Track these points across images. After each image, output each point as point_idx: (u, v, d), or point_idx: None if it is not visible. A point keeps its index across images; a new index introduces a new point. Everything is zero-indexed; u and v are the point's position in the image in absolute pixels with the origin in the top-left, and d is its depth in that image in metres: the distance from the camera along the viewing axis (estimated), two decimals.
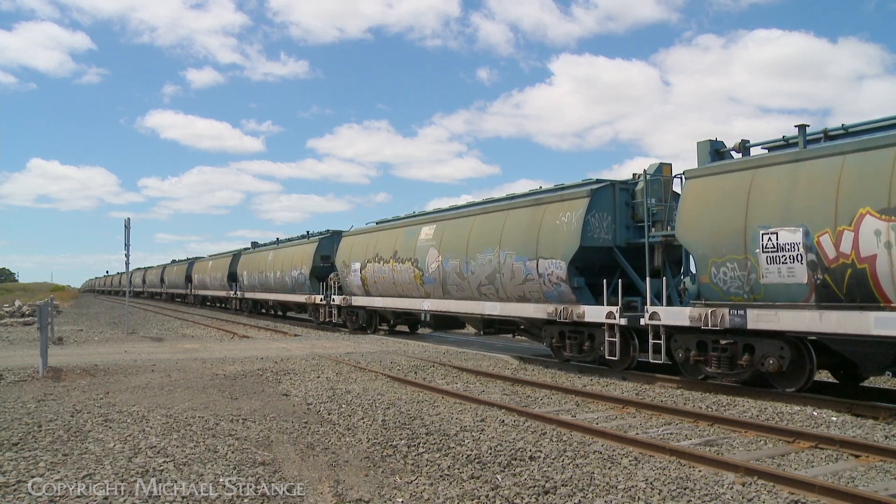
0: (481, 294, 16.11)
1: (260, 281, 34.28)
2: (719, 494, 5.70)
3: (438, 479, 6.15)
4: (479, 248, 15.91)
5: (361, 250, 22.69)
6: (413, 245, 19.25)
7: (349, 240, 24.56)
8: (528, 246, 14.31)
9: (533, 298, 14.46)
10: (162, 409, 9.18)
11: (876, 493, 5.55)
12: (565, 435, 7.86)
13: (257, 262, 35.12)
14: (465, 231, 16.85)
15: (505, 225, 15.32)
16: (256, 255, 36.43)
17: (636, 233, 13.47)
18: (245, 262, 37.77)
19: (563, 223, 13.53)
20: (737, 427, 8.33)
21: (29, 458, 6.63)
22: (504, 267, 14.98)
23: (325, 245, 27.31)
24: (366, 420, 8.64)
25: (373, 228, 23.24)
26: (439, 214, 19.36)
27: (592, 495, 5.72)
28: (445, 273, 17.39)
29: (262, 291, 34.67)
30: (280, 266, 30.94)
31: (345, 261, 23.79)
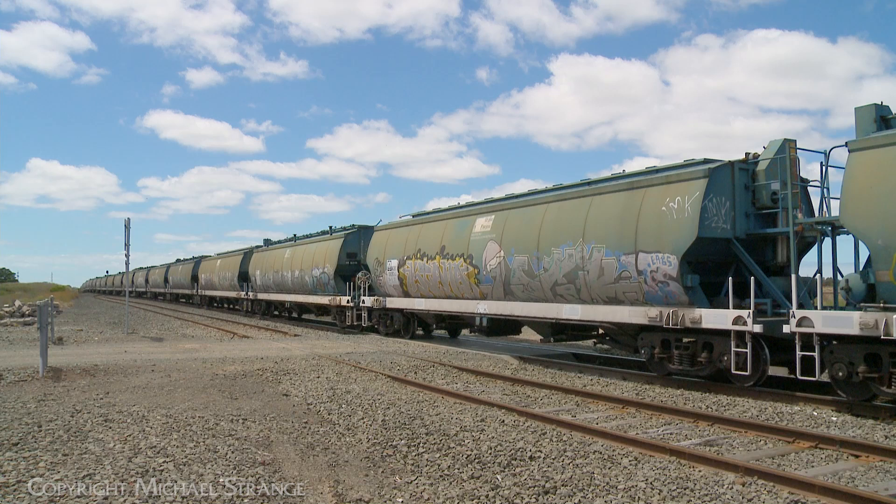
0: (556, 295, 13.88)
1: (275, 281, 31.86)
2: (719, 494, 5.71)
3: (438, 479, 6.15)
4: (555, 242, 13.67)
5: (399, 246, 20.43)
6: (466, 239, 16.96)
7: (383, 234, 22.21)
8: (623, 238, 12.15)
9: (628, 300, 12.30)
10: (162, 409, 9.18)
11: (876, 493, 5.55)
12: (565, 435, 7.86)
13: (272, 261, 32.72)
14: (535, 222, 14.54)
15: (590, 214, 13.07)
16: (271, 252, 33.86)
17: (757, 221, 11.60)
18: (258, 260, 35.31)
19: (671, 210, 11.42)
20: (737, 427, 8.33)
21: (29, 458, 6.63)
22: (589, 263, 12.81)
23: (352, 241, 25.12)
24: (366, 420, 8.64)
25: (412, 221, 20.99)
26: (499, 203, 16.88)
27: (592, 495, 5.72)
28: (509, 271, 15.13)
29: (277, 292, 32.19)
30: (299, 264, 28.59)
31: (378, 258, 21.65)
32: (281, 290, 31.46)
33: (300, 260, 28.64)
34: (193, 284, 50.27)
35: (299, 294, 29.18)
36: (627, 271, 12.10)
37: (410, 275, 19.65)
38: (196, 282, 49.40)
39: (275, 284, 32.14)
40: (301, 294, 28.93)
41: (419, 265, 19.12)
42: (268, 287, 33.31)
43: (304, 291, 28.34)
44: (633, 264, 11.97)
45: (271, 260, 32.92)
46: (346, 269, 24.74)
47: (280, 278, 31.08)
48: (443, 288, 18.21)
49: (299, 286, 28.77)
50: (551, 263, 13.82)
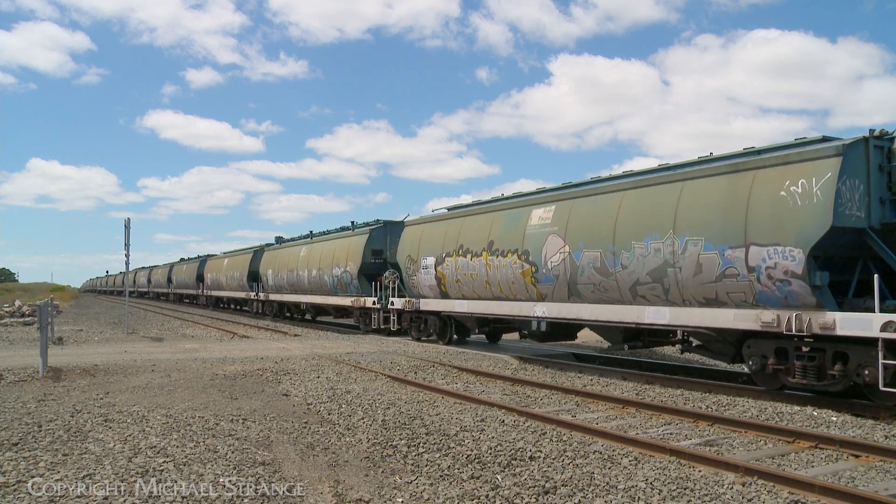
0: (636, 296, 12.09)
1: (289, 281, 29.81)
2: (719, 494, 5.71)
3: (438, 479, 6.15)
4: (637, 234, 11.90)
5: (436, 242, 18.36)
6: (520, 233, 14.98)
7: (415, 230, 19.99)
8: (727, 229, 10.40)
9: (732, 301, 10.51)
10: (162, 409, 9.18)
11: (876, 493, 5.55)
12: (565, 435, 7.86)
13: (285, 260, 30.56)
14: (609, 212, 12.69)
15: (681, 201, 11.28)
16: (284, 251, 31.84)
17: (892, 209, 9.87)
18: (270, 259, 33.12)
19: (793, 195, 9.68)
20: (737, 427, 8.33)
21: (29, 458, 6.63)
22: (682, 259, 11.05)
23: (377, 237, 23.14)
24: (366, 420, 8.64)
25: (451, 214, 18.75)
26: (559, 192, 14.86)
27: (592, 495, 5.72)
28: (575, 268, 13.28)
29: (291, 293, 30.10)
30: (317, 263, 26.65)
31: (410, 255, 19.52)
32: (296, 290, 29.45)
33: (318, 258, 26.73)
34: (199, 284, 48.58)
35: (317, 295, 27.21)
36: (734, 268, 10.30)
37: (450, 274, 17.58)
38: (201, 282, 47.74)
39: (288, 285, 30.14)
40: (319, 295, 26.91)
41: (461, 263, 17.07)
42: (280, 287, 31.34)
43: (323, 292, 26.38)
44: (741, 260, 10.16)
45: (284, 258, 30.91)
46: (370, 267, 22.92)
47: (295, 278, 29.11)
48: (490, 288, 16.16)
49: (317, 286, 26.88)
50: (632, 259, 11.99)
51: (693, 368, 13.67)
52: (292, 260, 29.75)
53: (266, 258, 33.87)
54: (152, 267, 73.74)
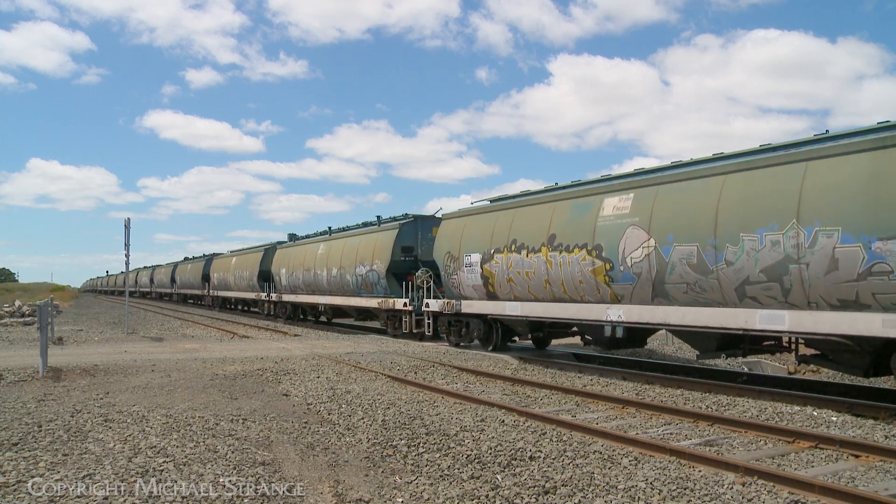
0: (744, 297, 10.47)
1: (306, 281, 27.54)
2: (719, 494, 5.71)
3: (438, 479, 6.15)
4: (746, 225, 10.30)
5: (482, 236, 16.37)
6: (590, 225, 13.13)
7: (456, 224, 17.94)
8: (877, 216, 8.85)
9: (880, 304, 8.91)
10: (162, 409, 9.18)
11: (876, 493, 5.55)
12: (565, 435, 7.86)
13: (301, 258, 28.38)
14: (707, 199, 11.03)
15: (805, 185, 9.69)
16: (299, 248, 29.70)
17: None
18: (283, 257, 30.98)
19: None
20: (737, 427, 8.33)
21: (29, 458, 6.63)
22: (811, 253, 9.44)
23: (408, 233, 21.13)
24: (366, 420, 8.64)
25: (497, 206, 16.83)
26: (638, 179, 12.97)
27: (592, 495, 5.72)
28: (663, 265, 11.58)
29: (307, 293, 27.79)
30: (337, 262, 24.52)
31: (451, 252, 17.60)
32: (313, 290, 27.12)
33: (338, 256, 24.56)
34: (204, 284, 46.53)
35: (337, 296, 24.97)
36: (885, 264, 8.70)
37: (500, 272, 15.53)
38: (207, 281, 45.61)
39: (304, 285, 27.87)
40: (340, 296, 24.68)
41: (514, 260, 15.00)
42: (295, 288, 29.11)
43: (345, 293, 24.27)
44: (894, 253, 8.64)
45: (300, 257, 28.64)
46: (400, 266, 20.82)
47: (312, 277, 26.87)
48: (550, 288, 14.22)
49: (337, 286, 24.68)
50: (739, 255, 10.36)
51: (693, 368, 13.68)
52: (309, 258, 27.41)
53: (279, 256, 31.70)
54: (155, 266, 71.93)
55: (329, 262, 25.39)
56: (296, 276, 28.73)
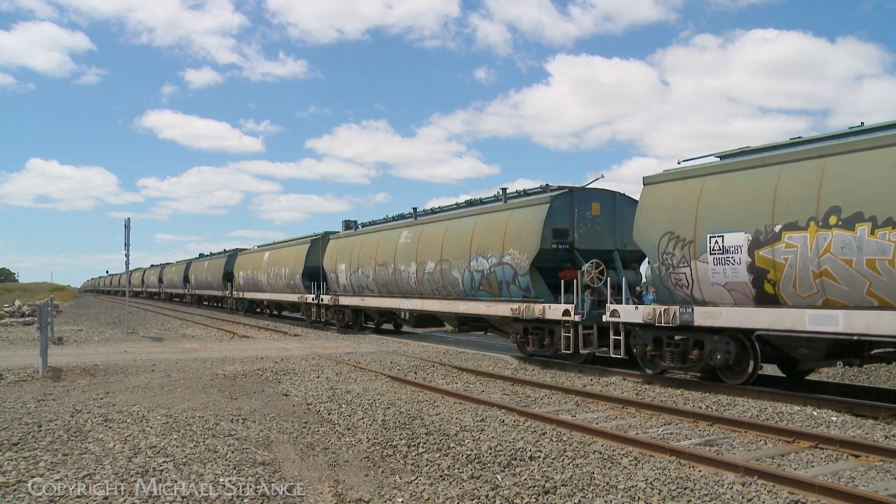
0: None
1: (380, 279, 21.54)
2: (719, 494, 5.71)
3: (438, 479, 6.15)
4: None
5: (746, 204, 10.65)
6: None
7: (680, 188, 11.86)
8: None
9: None
10: (162, 409, 9.18)
11: (876, 493, 5.55)
12: (565, 435, 7.86)
13: (369, 250, 22.34)
14: None
15: None
16: (366, 238, 23.18)
17: None
18: (339, 250, 24.87)
19: None
20: (737, 427, 8.33)
21: (29, 458, 6.63)
22: None
23: (561, 210, 14.81)
24: (366, 420, 8.64)
25: (773, 158, 10.58)
26: None
27: (592, 495, 5.72)
28: None
29: (381, 295, 21.81)
30: (434, 253, 18.27)
31: (674, 232, 11.66)
32: (390, 292, 21.16)
33: (436, 246, 18.22)
34: (226, 285, 40.66)
35: (433, 299, 18.62)
36: None
37: (801, 260, 9.77)
38: (230, 281, 39.81)
39: (376, 284, 21.87)
40: (438, 299, 18.35)
41: (843, 240, 9.26)
42: (361, 288, 23.12)
43: (447, 294, 17.94)
44: None
45: (367, 248, 22.62)
46: (549, 257, 14.67)
47: (389, 275, 20.83)
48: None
49: (434, 286, 18.46)
50: None
51: None
52: (384, 250, 21.40)
53: (334, 249, 25.54)
54: (164, 265, 65.91)
55: (420, 254, 19.04)
56: (362, 273, 22.73)
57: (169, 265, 63.83)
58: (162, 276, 63.56)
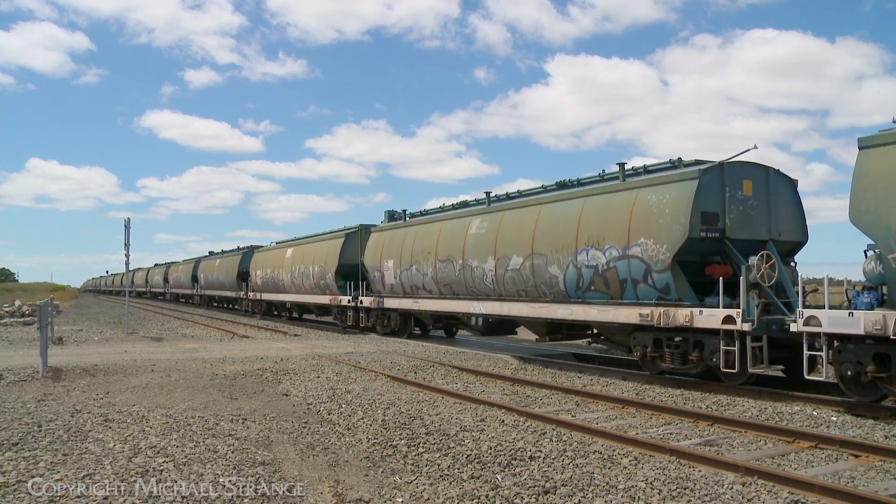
0: None
1: (442, 277, 18.06)
2: (719, 494, 5.71)
3: (438, 479, 6.15)
4: None
5: None
6: None
7: None
8: None
9: None
10: (162, 409, 9.18)
11: (876, 493, 5.55)
12: (565, 435, 7.86)
13: (426, 243, 18.91)
14: None
15: None
16: (419, 230, 19.88)
17: None
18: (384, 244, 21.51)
19: None
20: (737, 427, 8.33)
21: (29, 458, 6.63)
22: None
23: (710, 189, 11.58)
24: (366, 420, 8.64)
25: None
26: None
27: (592, 495, 5.72)
28: None
29: (442, 297, 18.35)
30: (523, 246, 14.83)
31: None
32: (456, 292, 17.64)
33: (523, 236, 14.87)
34: (240, 285, 37.71)
35: (518, 302, 15.25)
36: None
37: None
38: (244, 282, 36.93)
39: (437, 285, 18.39)
40: (532, 302, 14.82)
41: None
42: (415, 289, 19.61)
43: (544, 296, 14.40)
44: None
45: (423, 242, 19.10)
46: (695, 248, 11.60)
47: (456, 273, 17.29)
48: None
49: (523, 287, 14.95)
50: None
51: None
52: (448, 243, 17.81)
53: (378, 244, 21.98)
54: (169, 264, 62.90)
55: (501, 247, 15.64)
56: (417, 270, 19.24)
57: (175, 264, 60.49)
58: (167, 276, 60.65)
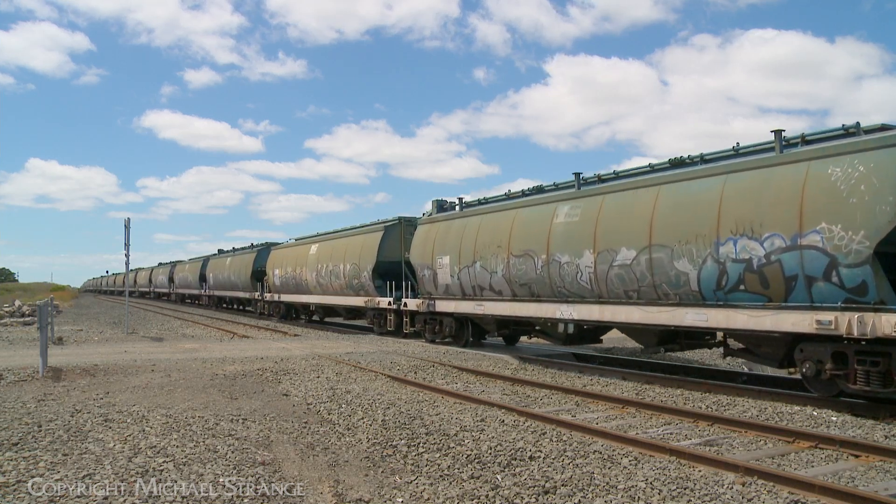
0: None
1: (520, 275, 14.90)
2: (719, 494, 5.71)
3: (438, 479, 6.15)
4: None
5: None
6: None
7: None
8: None
9: None
10: (162, 408, 9.18)
11: (876, 493, 5.55)
12: (565, 435, 7.86)
13: (499, 233, 15.72)
14: None
15: None
16: (485, 219, 16.66)
17: None
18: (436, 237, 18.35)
19: None
20: (737, 427, 8.33)
21: (29, 458, 6.63)
22: None
23: None
24: (366, 420, 8.64)
25: None
26: None
27: (592, 495, 5.72)
28: None
29: (532, 298, 14.73)
30: (659, 232, 11.62)
31: None
32: (536, 293, 14.53)
33: (637, 223, 12.03)
34: (255, 285, 34.98)
35: (627, 305, 12.30)
36: None
37: None
38: (260, 282, 34.35)
39: (509, 285, 15.24)
40: (647, 304, 11.94)
41: None
42: (478, 289, 16.49)
43: (666, 298, 11.61)
44: None
45: (490, 234, 15.98)
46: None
47: (537, 270, 14.24)
48: None
49: (634, 286, 12.06)
50: None
51: (693, 368, 13.68)
52: (527, 234, 14.70)
53: (425, 238, 18.95)
54: (175, 263, 60.13)
55: (602, 238, 12.63)
56: (483, 267, 16.05)
57: (181, 263, 57.47)
58: (173, 275, 57.73)
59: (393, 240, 21.71)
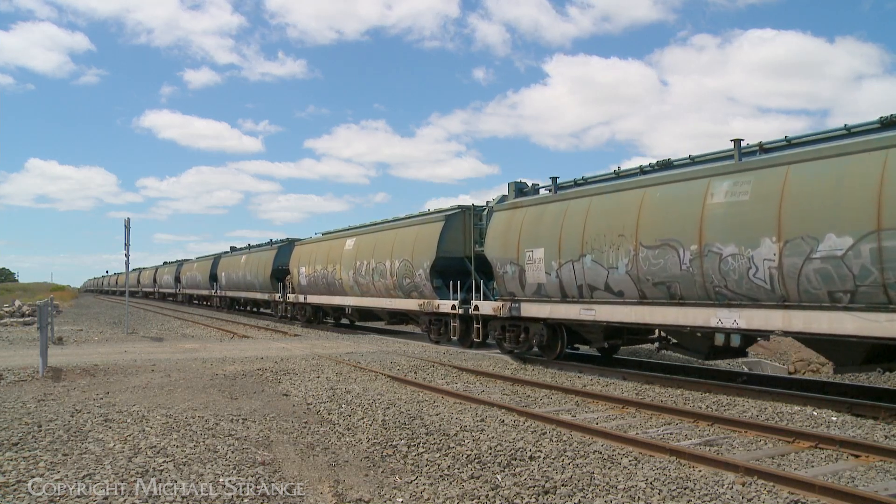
0: None
1: (652, 272, 11.55)
2: (719, 494, 5.70)
3: (438, 479, 6.15)
4: None
5: None
6: None
7: None
8: None
9: None
10: (162, 408, 9.18)
11: (876, 493, 5.54)
12: (565, 435, 7.86)
13: (599, 218, 12.78)
14: None
15: None
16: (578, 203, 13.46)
17: None
18: (543, 220, 14.31)
19: None
20: (737, 427, 8.33)
21: (29, 458, 6.63)
22: None
23: None
24: (366, 420, 8.64)
25: None
26: None
27: (592, 495, 5.72)
28: None
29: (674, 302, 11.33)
30: None
31: None
32: (681, 295, 11.23)
33: (851, 204, 8.90)
34: (275, 285, 31.73)
35: (864, 312, 8.80)
36: None
37: None
38: (281, 281, 31.18)
39: (635, 283, 11.95)
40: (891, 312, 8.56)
41: None
42: (589, 289, 12.97)
43: None
44: None
45: (602, 220, 12.75)
46: None
47: (683, 265, 11.01)
48: None
49: (861, 286, 8.78)
50: None
51: (693, 368, 13.68)
52: (663, 220, 11.51)
53: (506, 227, 15.45)
54: (182, 262, 57.52)
55: (790, 224, 9.61)
56: (594, 261, 12.77)
57: (188, 262, 54.43)
58: (179, 275, 54.75)
59: (455, 231, 18.16)
